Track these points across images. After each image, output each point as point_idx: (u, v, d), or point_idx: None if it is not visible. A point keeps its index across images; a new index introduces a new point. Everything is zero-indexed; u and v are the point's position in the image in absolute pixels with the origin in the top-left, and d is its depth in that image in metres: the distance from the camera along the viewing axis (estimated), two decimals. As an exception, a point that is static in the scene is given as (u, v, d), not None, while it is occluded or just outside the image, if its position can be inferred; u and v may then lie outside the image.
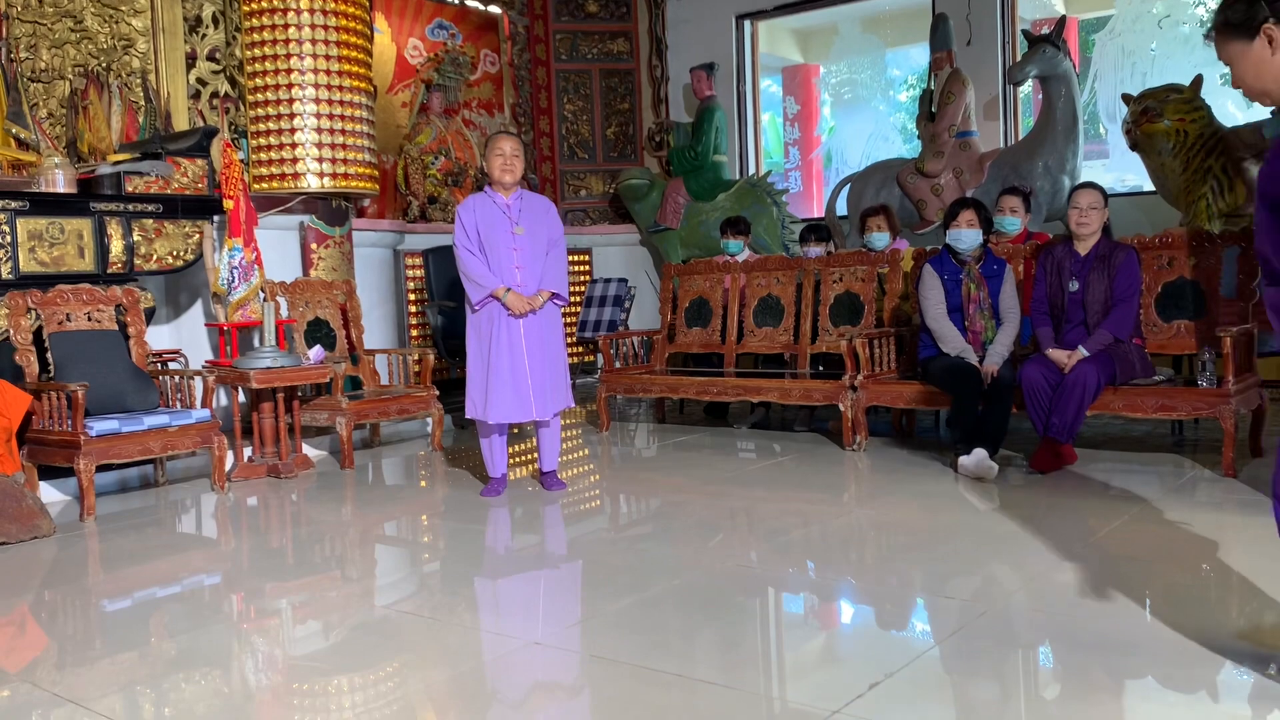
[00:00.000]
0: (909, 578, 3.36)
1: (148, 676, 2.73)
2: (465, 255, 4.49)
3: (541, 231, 4.59)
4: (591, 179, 9.94)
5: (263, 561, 3.93)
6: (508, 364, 4.47)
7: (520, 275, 4.50)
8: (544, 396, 4.54)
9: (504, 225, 4.50)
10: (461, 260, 4.50)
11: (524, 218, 4.55)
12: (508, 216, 4.52)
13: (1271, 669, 2.44)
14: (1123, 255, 4.70)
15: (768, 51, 10.15)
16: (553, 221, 4.65)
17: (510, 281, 4.48)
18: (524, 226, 4.53)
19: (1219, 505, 4.04)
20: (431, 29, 8.84)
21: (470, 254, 4.48)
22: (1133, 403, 4.61)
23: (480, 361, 4.52)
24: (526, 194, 4.65)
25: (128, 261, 5.34)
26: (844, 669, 2.70)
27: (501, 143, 4.55)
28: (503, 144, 4.54)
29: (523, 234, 4.52)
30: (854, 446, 5.41)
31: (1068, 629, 2.79)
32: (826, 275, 6.23)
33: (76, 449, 4.47)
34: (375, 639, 2.98)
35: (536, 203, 4.67)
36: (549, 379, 4.56)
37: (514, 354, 4.48)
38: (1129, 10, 8.46)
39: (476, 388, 4.54)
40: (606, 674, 2.62)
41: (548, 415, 4.59)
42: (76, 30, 6.23)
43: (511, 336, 4.48)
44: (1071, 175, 7.42)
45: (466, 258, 4.48)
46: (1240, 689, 2.45)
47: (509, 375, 4.47)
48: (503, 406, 4.48)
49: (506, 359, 4.47)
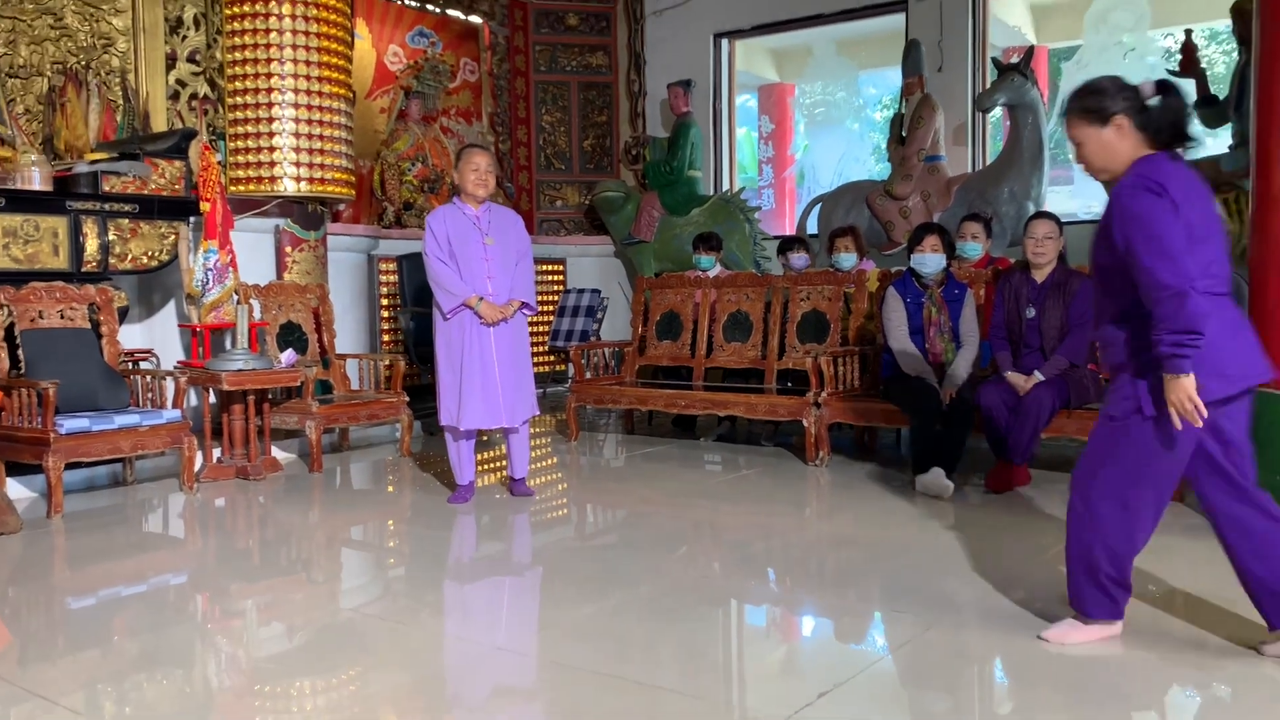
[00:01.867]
0: (865, 591, 3.46)
1: (111, 674, 2.77)
2: (437, 264, 4.55)
3: (510, 243, 4.68)
4: (567, 190, 10.03)
5: (229, 562, 3.96)
6: (479, 372, 4.54)
7: (491, 285, 4.57)
8: (513, 404, 4.62)
9: (475, 236, 4.58)
10: (433, 269, 4.56)
11: (493, 229, 4.64)
12: (478, 228, 4.60)
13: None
14: (1078, 283, 4.83)
15: (744, 70, 10.29)
16: (520, 234, 4.75)
17: (482, 291, 4.55)
18: (494, 238, 4.62)
19: (1164, 527, 4.15)
20: (412, 36, 8.91)
21: (442, 263, 4.54)
22: (1086, 426, 4.74)
23: (452, 369, 4.59)
24: (494, 206, 4.74)
25: (102, 261, 5.36)
26: (797, 678, 2.79)
27: (476, 157, 4.62)
28: (478, 158, 4.61)
29: (493, 245, 4.60)
30: (817, 462, 5.52)
31: (1017, 644, 2.89)
32: (794, 293, 6.34)
33: (46, 446, 4.49)
34: (339, 641, 3.03)
35: (504, 215, 4.77)
36: (518, 387, 4.65)
37: (485, 362, 4.55)
38: (1096, 40, 8.66)
39: (449, 395, 4.60)
40: (568, 680, 2.69)
41: (517, 423, 4.67)
42: (56, 27, 6.23)
43: (483, 345, 4.55)
44: (1036, 202, 7.59)
45: (439, 267, 4.54)
46: (1188, 705, 2.57)
47: (480, 383, 4.54)
48: (475, 414, 4.54)
49: (478, 367, 4.54)
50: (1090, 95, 2.64)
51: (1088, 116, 2.63)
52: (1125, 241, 2.55)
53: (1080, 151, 2.66)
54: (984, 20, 8.37)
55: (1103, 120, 2.62)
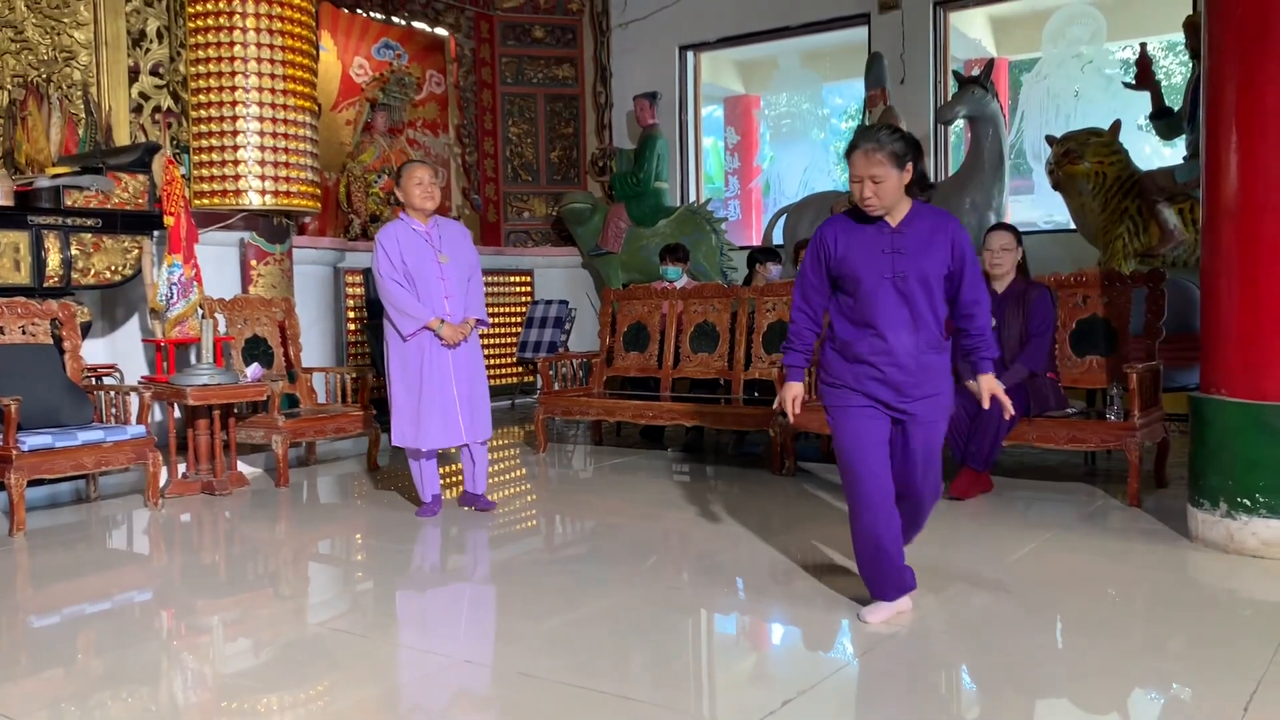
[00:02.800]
0: (831, 599, 3.49)
1: (74, 693, 2.75)
2: (393, 287, 4.48)
3: (463, 259, 4.67)
4: (535, 201, 10.04)
5: (195, 578, 3.94)
6: (438, 392, 4.52)
7: (449, 305, 4.56)
8: (472, 421, 4.62)
9: (429, 254, 4.55)
10: (389, 292, 4.49)
11: (445, 245, 4.61)
12: (431, 245, 4.57)
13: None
14: (1036, 293, 4.92)
15: (710, 82, 10.37)
16: (469, 247, 4.74)
17: (440, 311, 4.52)
18: (447, 254, 4.59)
19: (1124, 533, 4.25)
20: (378, 49, 8.90)
21: (398, 285, 4.49)
22: (1046, 434, 4.83)
23: (409, 391, 4.55)
24: (441, 220, 4.71)
25: (65, 276, 5.32)
26: (763, 685, 2.82)
27: (418, 171, 4.58)
28: (420, 172, 4.58)
29: (448, 263, 4.58)
30: (783, 471, 5.56)
31: (980, 650, 2.95)
32: (761, 304, 6.40)
33: (8, 464, 4.44)
34: (306, 656, 3.03)
35: (453, 229, 4.74)
36: (475, 404, 4.64)
37: (443, 381, 4.54)
38: (1055, 54, 8.81)
39: (405, 417, 4.57)
40: (537, 691, 2.70)
41: (476, 440, 4.66)
42: (16, 40, 6.18)
43: (441, 366, 4.54)
44: (998, 212, 7.70)
45: (394, 289, 4.48)
46: (1149, 708, 2.62)
47: (439, 403, 4.53)
48: (433, 433, 4.53)
49: (437, 386, 4.52)
50: (899, 141, 3.03)
51: (894, 159, 3.00)
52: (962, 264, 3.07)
53: (877, 186, 3.01)
54: (945, 33, 8.50)
55: (901, 165, 3.02)
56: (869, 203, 3.04)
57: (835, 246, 3.12)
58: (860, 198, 3.04)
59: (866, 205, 3.05)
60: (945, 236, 3.07)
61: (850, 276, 3.09)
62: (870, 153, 3.00)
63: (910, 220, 3.09)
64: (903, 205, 3.09)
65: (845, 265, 3.09)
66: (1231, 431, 3.83)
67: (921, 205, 3.15)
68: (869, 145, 3.01)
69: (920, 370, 3.06)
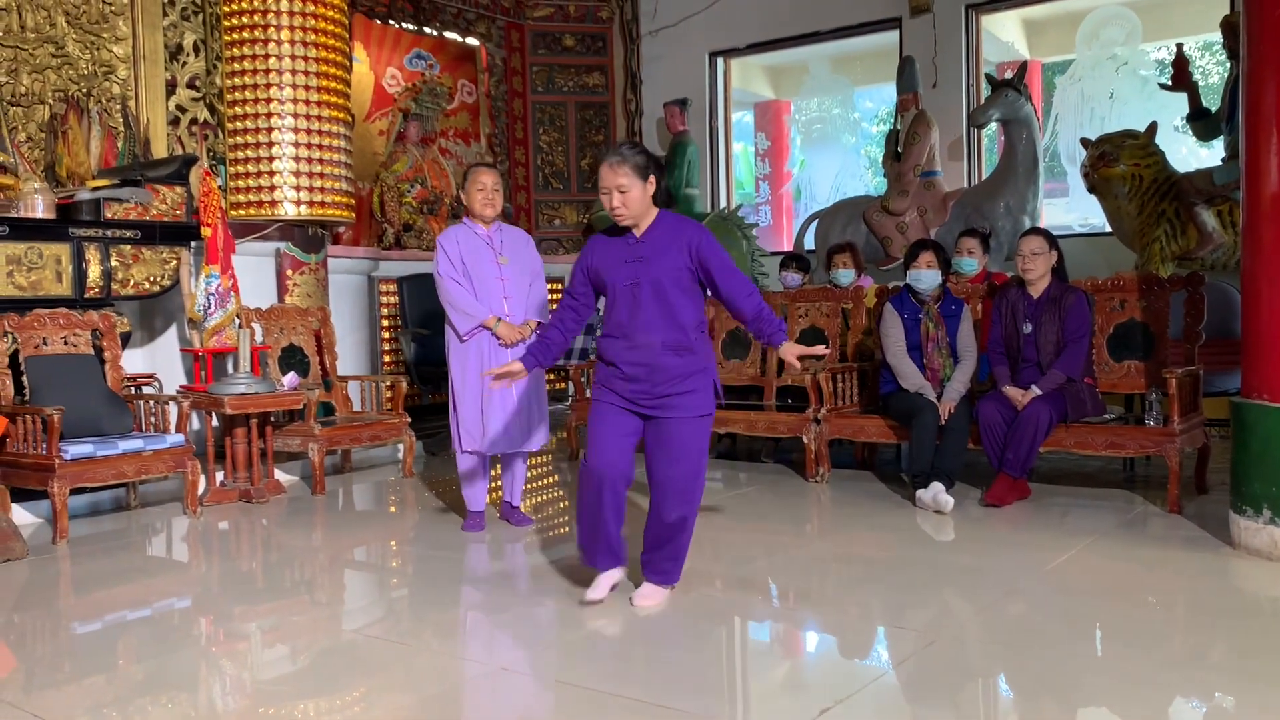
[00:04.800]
0: (867, 607, 3.48)
1: (116, 699, 2.79)
2: (452, 286, 4.46)
3: (525, 263, 4.62)
4: (565, 209, 10.08)
5: (233, 585, 3.98)
6: (498, 395, 4.43)
7: (508, 305, 4.50)
8: (530, 428, 4.55)
9: (488, 256, 4.52)
10: (449, 291, 4.46)
11: (506, 249, 4.58)
12: (491, 247, 4.54)
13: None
14: (1073, 298, 4.87)
15: (740, 88, 10.35)
16: (533, 254, 4.69)
17: (499, 311, 4.47)
18: (508, 257, 4.56)
19: (1164, 540, 4.19)
20: (410, 59, 8.98)
21: (457, 284, 4.46)
22: (1083, 440, 4.78)
23: (472, 393, 4.49)
24: (504, 226, 4.67)
25: (105, 287, 5.40)
26: (800, 695, 2.80)
27: (483, 176, 4.55)
28: (484, 177, 4.54)
29: (508, 264, 4.54)
30: (817, 478, 5.54)
31: (1018, 659, 2.91)
32: (793, 310, 6.38)
33: (51, 472, 4.51)
34: (343, 663, 3.05)
35: (516, 235, 4.71)
36: (534, 411, 4.57)
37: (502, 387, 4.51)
38: (1089, 56, 8.73)
39: (473, 420, 4.50)
40: (571, 700, 2.70)
41: (535, 446, 4.59)
42: (58, 56, 6.29)
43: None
44: (1032, 216, 7.64)
45: (453, 288, 4.46)
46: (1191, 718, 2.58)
47: (499, 406, 4.46)
48: (496, 437, 4.47)
49: (496, 391, 4.42)
50: (641, 154, 3.28)
51: (638, 170, 3.25)
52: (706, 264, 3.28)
53: (624, 196, 3.24)
54: (977, 36, 8.45)
55: (645, 177, 3.26)
56: (618, 212, 3.27)
57: (594, 257, 3.39)
58: (610, 207, 3.28)
59: (616, 214, 3.29)
60: (681, 241, 3.28)
61: (604, 284, 3.37)
62: (615, 165, 3.24)
63: (652, 229, 3.33)
64: (649, 216, 3.33)
65: (600, 274, 3.37)
66: (1275, 437, 3.77)
67: (665, 215, 3.36)
68: (614, 159, 3.25)
69: (661, 370, 3.27)
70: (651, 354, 3.27)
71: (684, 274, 3.27)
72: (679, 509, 3.38)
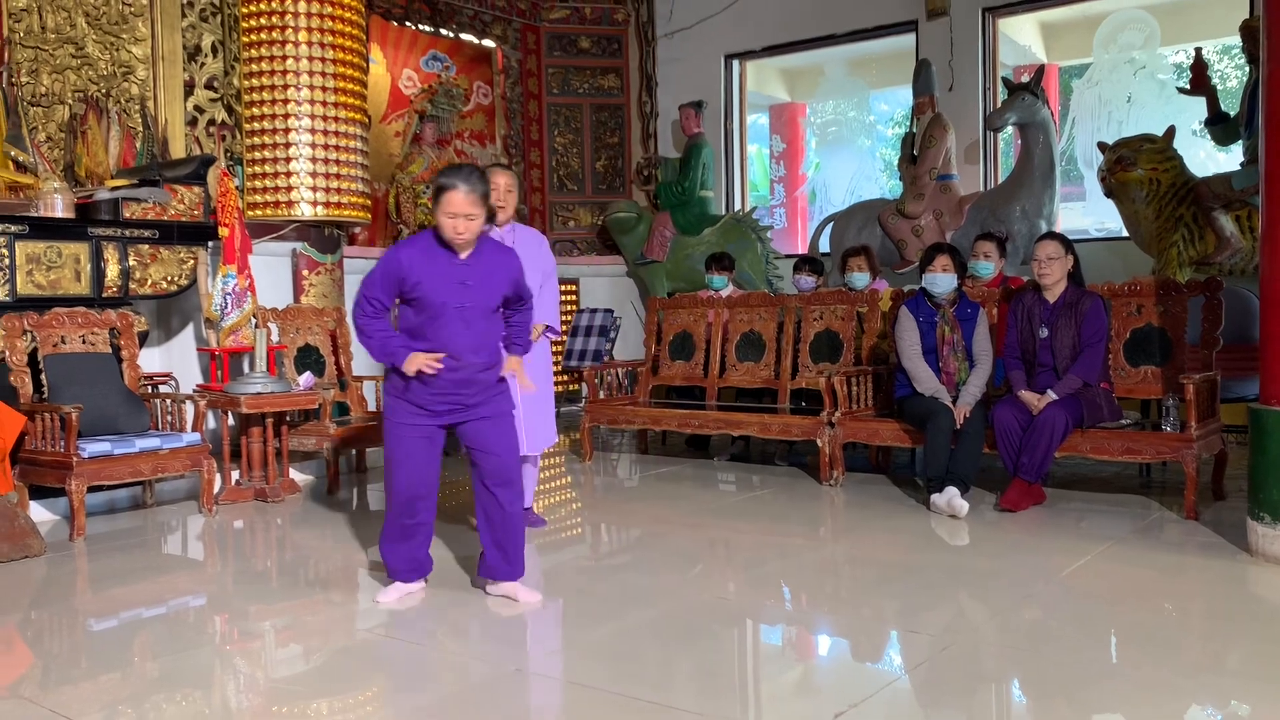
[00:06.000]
0: (880, 611, 3.47)
1: (131, 695, 2.80)
2: None
3: (535, 264, 4.56)
4: (580, 211, 10.09)
5: (247, 584, 4.00)
6: None
7: None
8: (534, 431, 4.53)
9: None
10: None
11: (519, 249, 4.55)
12: None
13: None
14: (1089, 303, 4.85)
15: (755, 90, 10.35)
16: (545, 254, 4.66)
17: None
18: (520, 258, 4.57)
19: (1180, 546, 4.17)
20: (426, 60, 9.01)
21: None
22: (1100, 445, 4.75)
23: None
24: (519, 227, 4.65)
25: (123, 286, 5.44)
26: (813, 699, 2.80)
27: (496, 177, 4.46)
28: (496, 178, 4.46)
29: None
30: (831, 481, 5.53)
31: (1033, 664, 2.90)
32: (807, 313, 6.37)
33: (69, 470, 4.54)
34: (357, 663, 3.06)
35: (529, 235, 4.69)
36: (538, 414, 4.56)
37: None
38: (1107, 59, 8.69)
39: None
40: (584, 701, 2.71)
41: (537, 450, 4.59)
42: (77, 56, 6.34)
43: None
44: (1048, 220, 7.61)
45: None
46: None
47: None
48: None
49: None
50: (484, 182, 3.37)
51: (484, 199, 3.35)
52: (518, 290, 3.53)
53: (470, 223, 3.32)
54: (994, 40, 8.42)
55: (486, 205, 3.37)
56: (462, 237, 3.33)
57: (411, 271, 3.36)
58: (454, 233, 3.31)
59: (458, 239, 3.34)
60: (505, 271, 3.47)
61: (422, 300, 3.37)
62: (469, 194, 3.29)
63: (478, 253, 3.42)
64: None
65: (419, 290, 3.36)
66: (1293, 443, 3.74)
67: (486, 238, 3.46)
68: (467, 186, 3.29)
69: (476, 384, 3.43)
70: (472, 372, 3.41)
71: (502, 299, 3.50)
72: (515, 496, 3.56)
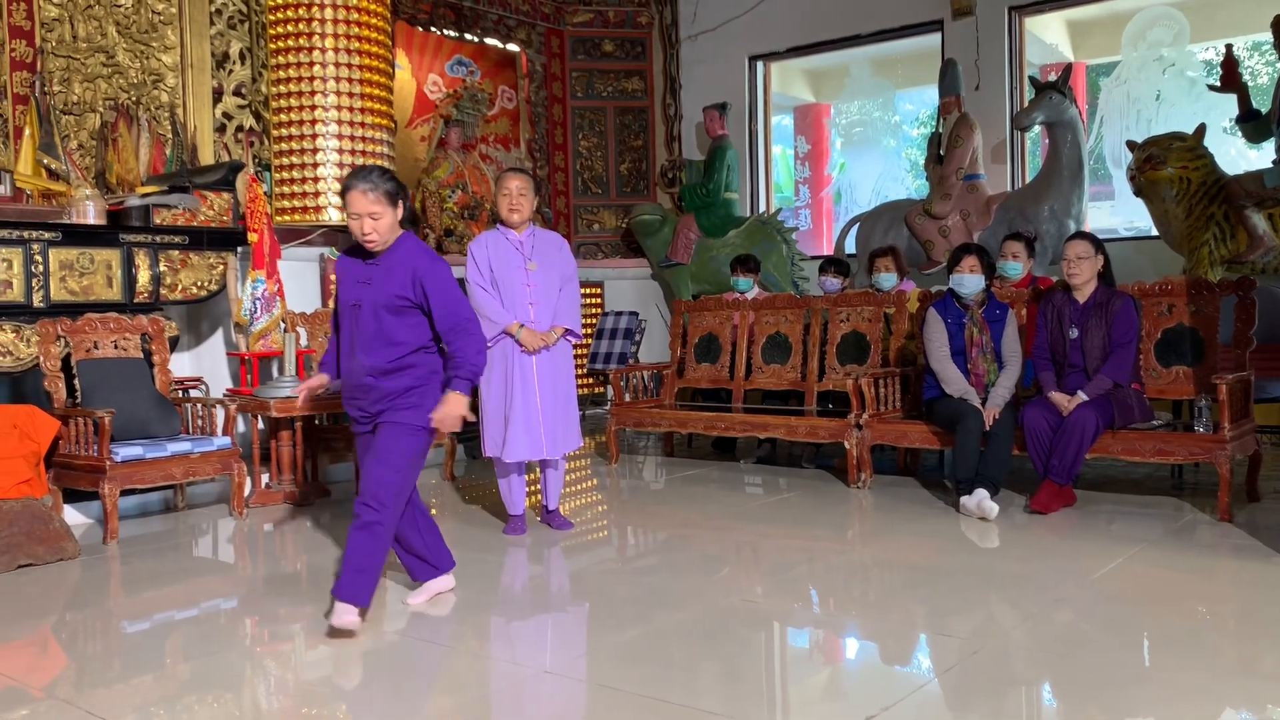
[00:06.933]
0: (909, 614, 3.45)
1: (164, 697, 2.83)
2: (478, 291, 4.50)
3: (555, 268, 4.60)
4: (604, 213, 10.11)
5: (277, 586, 4.03)
6: (521, 402, 4.46)
7: (534, 311, 4.51)
8: (555, 435, 4.53)
9: (517, 261, 4.53)
10: (475, 297, 4.49)
11: (537, 254, 4.57)
12: (520, 253, 4.54)
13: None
14: (1120, 303, 4.81)
15: (780, 91, 10.32)
16: (565, 258, 4.67)
17: (524, 318, 4.50)
18: (537, 262, 4.55)
19: (1214, 549, 4.12)
20: (451, 65, 9.05)
21: (484, 290, 4.50)
22: (1131, 446, 4.71)
23: (496, 400, 4.53)
24: (539, 230, 4.67)
25: (154, 291, 5.50)
26: (841, 702, 2.79)
27: (509, 181, 4.55)
28: (509, 182, 4.54)
29: (536, 270, 4.54)
30: (858, 484, 5.50)
31: (1064, 668, 2.87)
32: (834, 314, 6.35)
33: (102, 474, 4.60)
34: (386, 665, 3.07)
35: (549, 239, 4.69)
36: (560, 418, 4.57)
37: (526, 392, 4.48)
38: (1135, 57, 8.60)
39: (495, 426, 4.54)
40: (613, 703, 2.71)
41: (558, 454, 4.59)
42: (108, 65, 6.42)
43: (525, 374, 4.49)
44: (1077, 219, 7.54)
45: (480, 294, 4.49)
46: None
47: (522, 413, 4.47)
48: (517, 445, 4.47)
49: (520, 397, 4.46)
50: (392, 181, 3.30)
51: (389, 198, 3.26)
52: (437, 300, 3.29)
53: (375, 222, 3.24)
54: (1021, 38, 8.36)
55: (395, 203, 3.29)
56: (370, 238, 3.27)
57: (340, 274, 3.44)
58: (361, 233, 3.26)
59: (368, 241, 3.28)
60: (407, 268, 3.30)
61: (340, 304, 3.44)
62: (367, 192, 3.22)
63: (388, 254, 3.34)
64: (392, 239, 3.34)
65: (339, 296, 3.44)
66: (1329, 444, 3.69)
67: (405, 238, 3.37)
68: (365, 185, 3.22)
69: (372, 390, 3.31)
70: (360, 374, 3.33)
71: (404, 300, 3.30)
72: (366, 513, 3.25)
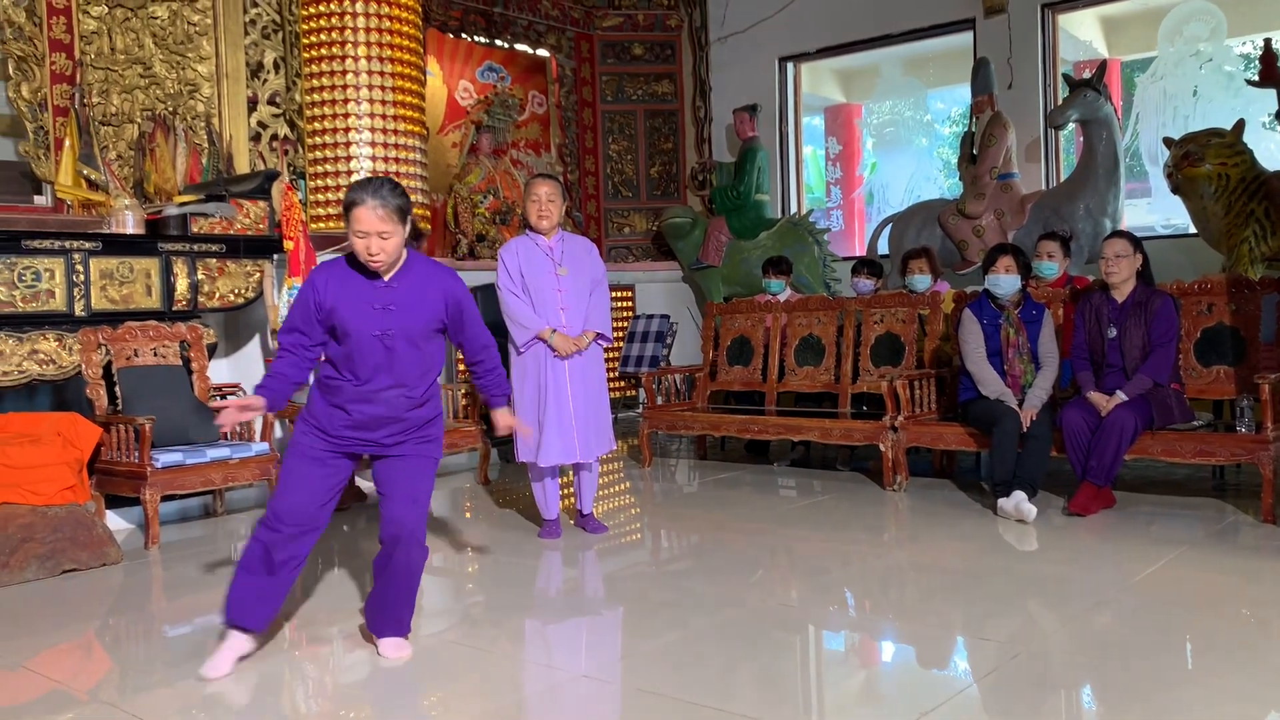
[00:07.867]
0: (947, 618, 3.42)
1: (205, 700, 2.87)
2: (509, 298, 4.52)
3: (585, 272, 4.61)
4: (635, 217, 10.12)
5: (314, 590, 4.06)
6: (554, 406, 4.48)
7: (565, 316, 4.53)
8: (588, 439, 4.55)
9: (547, 267, 4.54)
10: (506, 303, 4.53)
11: (567, 259, 4.58)
12: (551, 258, 4.55)
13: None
14: (1159, 302, 4.74)
15: (810, 92, 10.28)
16: (595, 262, 4.68)
17: (555, 323, 4.51)
18: (567, 267, 4.56)
19: (1257, 551, 4.06)
20: (482, 71, 9.09)
21: (515, 296, 4.52)
22: (1171, 447, 4.64)
23: (530, 404, 4.55)
24: (568, 235, 4.68)
25: (192, 299, 5.57)
26: (880, 707, 2.77)
27: (536, 188, 4.56)
28: (537, 189, 4.56)
29: (566, 275, 4.55)
30: (894, 487, 5.47)
31: (1105, 672, 2.84)
32: (868, 316, 6.31)
33: (143, 480, 4.66)
34: (422, 669, 3.09)
35: (578, 244, 4.70)
36: (593, 421, 4.58)
37: (559, 396, 4.50)
38: (1171, 53, 8.49)
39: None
40: (650, 707, 2.71)
41: (592, 458, 4.61)
42: (145, 76, 6.51)
43: (557, 378, 4.50)
44: (1113, 218, 7.45)
45: (511, 300, 4.52)
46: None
47: (555, 417, 4.48)
48: (551, 449, 4.49)
49: (553, 401, 4.48)
50: (403, 197, 3.02)
51: (400, 215, 2.98)
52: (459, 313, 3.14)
53: (384, 242, 2.96)
54: (1054, 36, 8.27)
55: (405, 221, 3.01)
56: (377, 259, 2.97)
57: (326, 295, 3.02)
58: (367, 254, 2.95)
59: (374, 262, 2.98)
60: (437, 291, 3.08)
61: (339, 328, 3.02)
62: (377, 209, 2.93)
63: (403, 274, 3.06)
64: (399, 258, 3.06)
65: (335, 316, 3.01)
66: (1376, 444, 3.62)
67: (415, 257, 3.11)
68: (376, 201, 2.93)
69: (401, 421, 3.07)
70: (395, 407, 3.05)
71: (438, 323, 3.12)
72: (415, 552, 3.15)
